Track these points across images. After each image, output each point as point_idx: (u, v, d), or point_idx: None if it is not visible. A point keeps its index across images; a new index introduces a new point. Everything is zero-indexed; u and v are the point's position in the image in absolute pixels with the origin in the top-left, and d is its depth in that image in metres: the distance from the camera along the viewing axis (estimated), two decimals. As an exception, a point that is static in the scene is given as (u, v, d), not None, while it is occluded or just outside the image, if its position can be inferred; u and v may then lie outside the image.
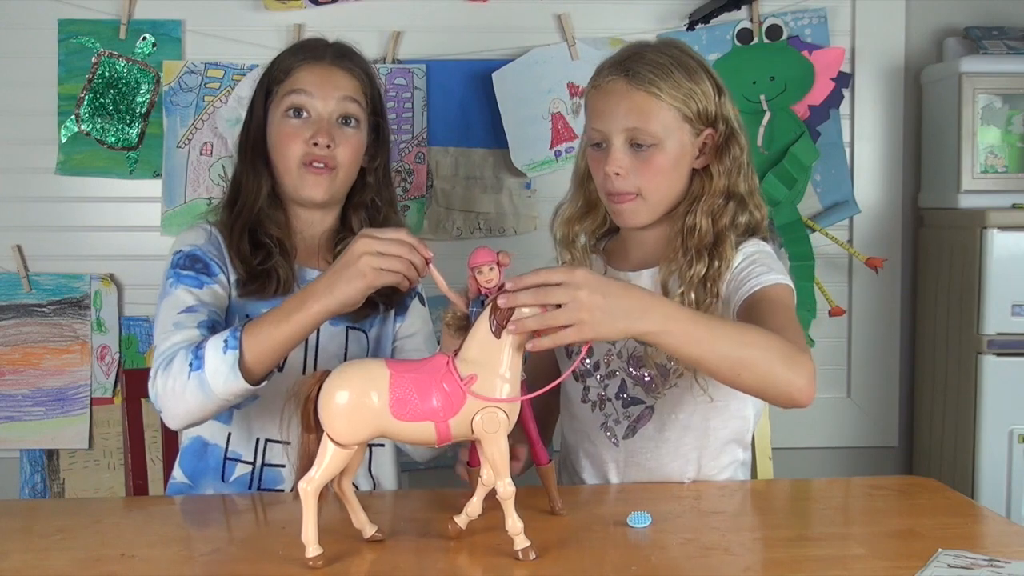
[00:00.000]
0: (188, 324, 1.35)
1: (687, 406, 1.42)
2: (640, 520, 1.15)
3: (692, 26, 2.29)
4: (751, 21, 2.31)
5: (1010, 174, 2.21)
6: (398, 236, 1.19)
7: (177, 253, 1.46)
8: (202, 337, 1.32)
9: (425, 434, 1.03)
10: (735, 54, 2.30)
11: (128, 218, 2.27)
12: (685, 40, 1.58)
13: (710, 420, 1.42)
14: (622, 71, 1.38)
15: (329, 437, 1.02)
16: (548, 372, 1.50)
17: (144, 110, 2.25)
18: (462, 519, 1.10)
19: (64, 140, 2.24)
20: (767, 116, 2.27)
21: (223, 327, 1.37)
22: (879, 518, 1.23)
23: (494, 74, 2.26)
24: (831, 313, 2.28)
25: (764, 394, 1.20)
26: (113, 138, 2.25)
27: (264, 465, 1.47)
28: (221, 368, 1.25)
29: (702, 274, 1.35)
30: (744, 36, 2.31)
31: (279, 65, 1.51)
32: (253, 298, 1.45)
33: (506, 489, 1.03)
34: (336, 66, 1.49)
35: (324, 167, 1.46)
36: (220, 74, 2.25)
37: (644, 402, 1.43)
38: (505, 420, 1.03)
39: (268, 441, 1.47)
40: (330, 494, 1.07)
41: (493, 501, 1.05)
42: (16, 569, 1.05)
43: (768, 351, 1.14)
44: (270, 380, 1.32)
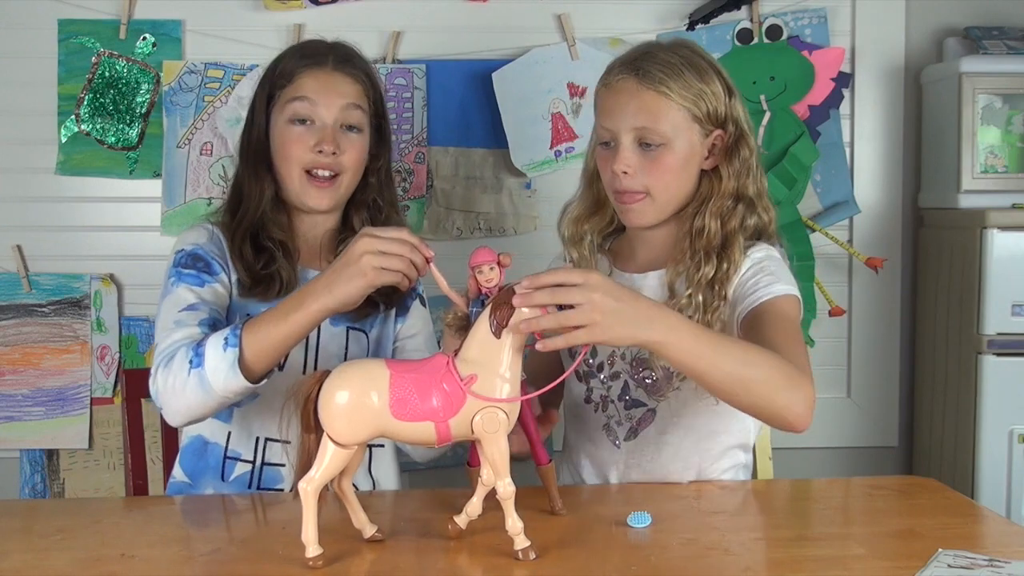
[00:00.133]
0: (189, 322, 1.36)
1: (689, 410, 1.41)
2: (640, 520, 1.15)
3: (692, 26, 2.29)
4: (751, 21, 2.31)
5: (1010, 174, 2.21)
6: (399, 235, 1.20)
7: (179, 252, 1.46)
8: (203, 335, 1.32)
9: (425, 434, 1.03)
10: (735, 54, 2.30)
11: (128, 218, 2.27)
12: (687, 40, 1.58)
13: (712, 424, 1.42)
14: (632, 70, 1.37)
15: (329, 437, 1.02)
16: (552, 372, 1.50)
17: (144, 110, 2.25)
18: (462, 519, 1.10)
19: (64, 140, 2.24)
20: (767, 116, 2.27)
21: (224, 325, 1.37)
22: (879, 518, 1.23)
23: (494, 74, 2.26)
24: (831, 313, 2.28)
25: (760, 415, 1.21)
26: (113, 138, 2.25)
27: (264, 464, 1.47)
28: (221, 365, 1.25)
29: (710, 276, 1.35)
30: (744, 36, 2.31)
31: (281, 69, 1.50)
32: (255, 300, 1.45)
33: (506, 489, 1.03)
34: (339, 71, 1.48)
35: (328, 177, 1.46)
36: (220, 74, 2.25)
37: (646, 405, 1.43)
38: (505, 420, 1.03)
39: (268, 440, 1.47)
40: (330, 494, 1.07)
41: (493, 501, 1.05)
42: (16, 569, 1.05)
43: (770, 374, 1.15)
44: (270, 379, 1.32)
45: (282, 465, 1.46)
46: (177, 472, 1.51)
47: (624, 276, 1.46)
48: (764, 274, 1.35)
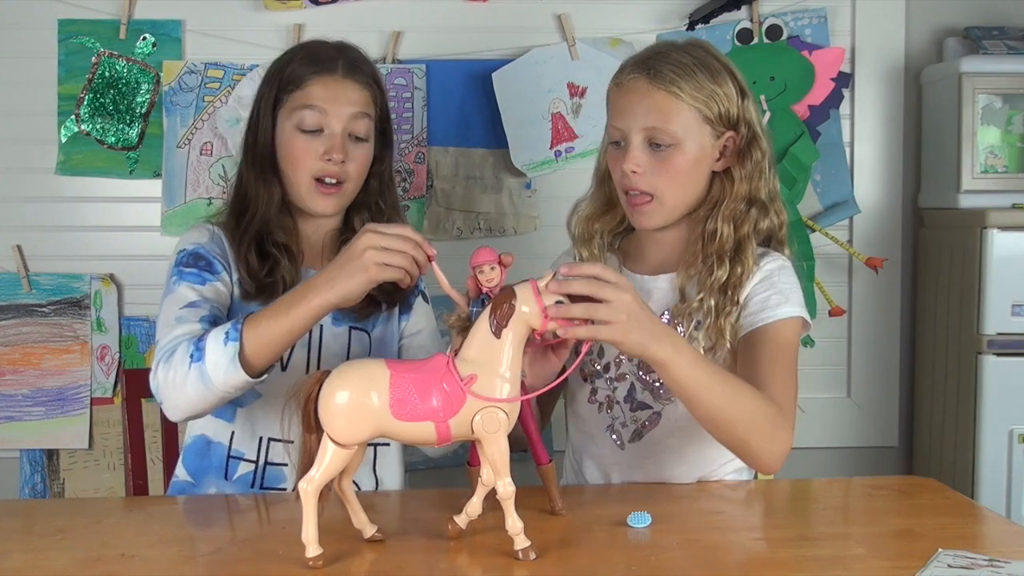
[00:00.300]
0: (190, 319, 1.36)
1: None
2: (640, 520, 1.15)
3: (692, 26, 2.29)
4: (751, 21, 2.31)
5: (1010, 174, 2.21)
6: (403, 232, 1.20)
7: (181, 252, 1.46)
8: (204, 331, 1.32)
9: (425, 434, 1.03)
10: (735, 54, 2.30)
11: (128, 218, 2.27)
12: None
13: None
14: (644, 69, 1.37)
15: (329, 437, 1.02)
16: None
17: (144, 110, 2.25)
18: (462, 519, 1.10)
19: (64, 140, 2.24)
20: (767, 116, 2.27)
21: (224, 323, 1.37)
22: (879, 518, 1.23)
23: (494, 74, 2.26)
24: (831, 313, 2.28)
25: (733, 451, 1.27)
26: (113, 138, 2.25)
27: (267, 464, 1.47)
28: (221, 360, 1.25)
29: (723, 280, 1.35)
30: (744, 36, 2.31)
31: (289, 73, 1.48)
32: (258, 304, 1.45)
33: (506, 489, 1.03)
34: (348, 78, 1.47)
35: (335, 184, 1.46)
36: (220, 74, 2.25)
37: (652, 407, 1.42)
38: (505, 420, 1.03)
39: (271, 440, 1.47)
40: (331, 494, 1.07)
41: (493, 501, 1.05)
42: (16, 569, 1.05)
43: (752, 417, 1.22)
44: (273, 378, 1.32)
45: (285, 465, 1.46)
46: (180, 471, 1.51)
47: (634, 278, 1.46)
48: (774, 292, 1.36)
